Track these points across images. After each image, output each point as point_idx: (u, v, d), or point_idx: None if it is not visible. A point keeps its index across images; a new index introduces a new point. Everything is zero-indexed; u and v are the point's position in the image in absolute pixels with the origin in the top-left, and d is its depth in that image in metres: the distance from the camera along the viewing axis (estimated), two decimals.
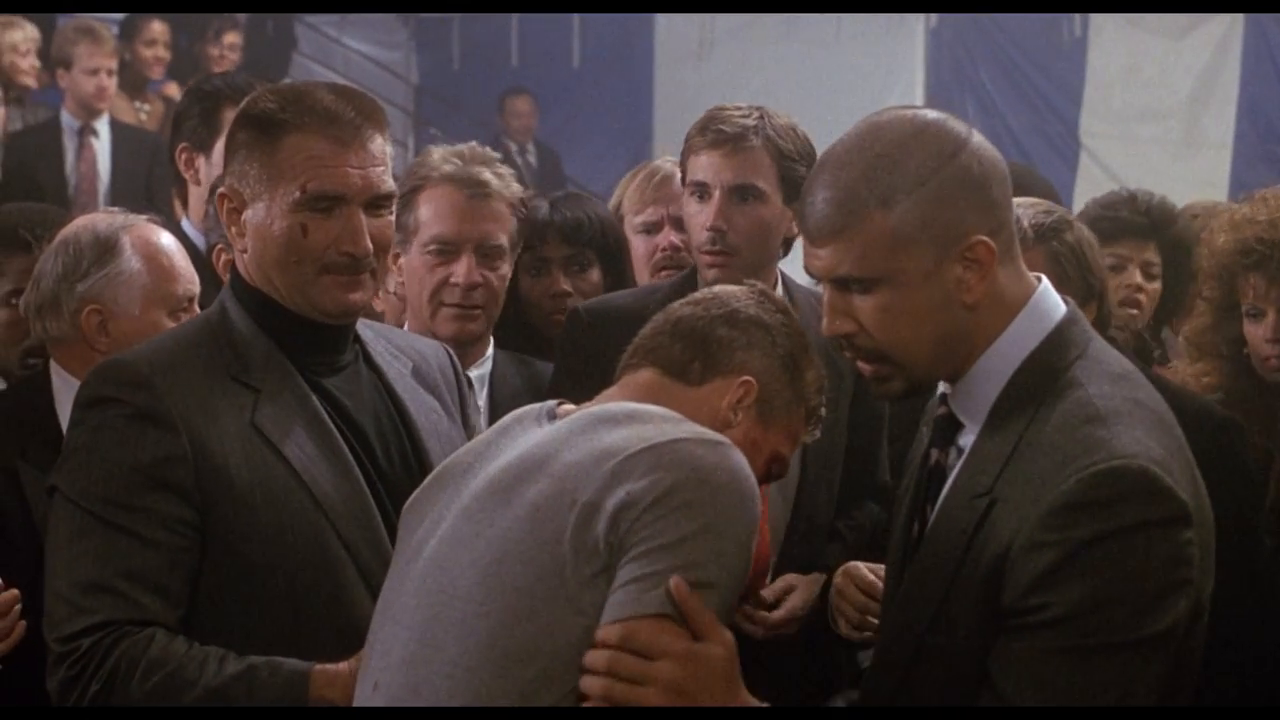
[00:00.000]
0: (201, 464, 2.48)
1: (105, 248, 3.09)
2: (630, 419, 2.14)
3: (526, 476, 2.12)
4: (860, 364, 2.22)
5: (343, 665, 2.41)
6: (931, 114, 2.20)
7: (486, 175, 3.33)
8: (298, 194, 2.51)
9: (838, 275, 2.16)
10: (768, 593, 3.19)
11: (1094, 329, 2.27)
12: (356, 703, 2.24)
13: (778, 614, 3.19)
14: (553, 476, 2.09)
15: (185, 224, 3.98)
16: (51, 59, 7.44)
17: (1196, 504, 2.08)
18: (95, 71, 7.23)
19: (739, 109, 3.37)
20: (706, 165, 3.32)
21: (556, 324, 3.66)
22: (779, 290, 3.41)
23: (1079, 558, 2.00)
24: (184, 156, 3.95)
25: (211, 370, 2.55)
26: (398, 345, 2.79)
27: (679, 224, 3.71)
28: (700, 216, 3.33)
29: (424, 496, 2.30)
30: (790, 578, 3.24)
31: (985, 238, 2.13)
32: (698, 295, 2.40)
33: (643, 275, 3.87)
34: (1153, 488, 2.02)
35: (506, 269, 3.37)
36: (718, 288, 2.42)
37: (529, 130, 11.26)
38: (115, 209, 3.23)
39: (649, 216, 3.95)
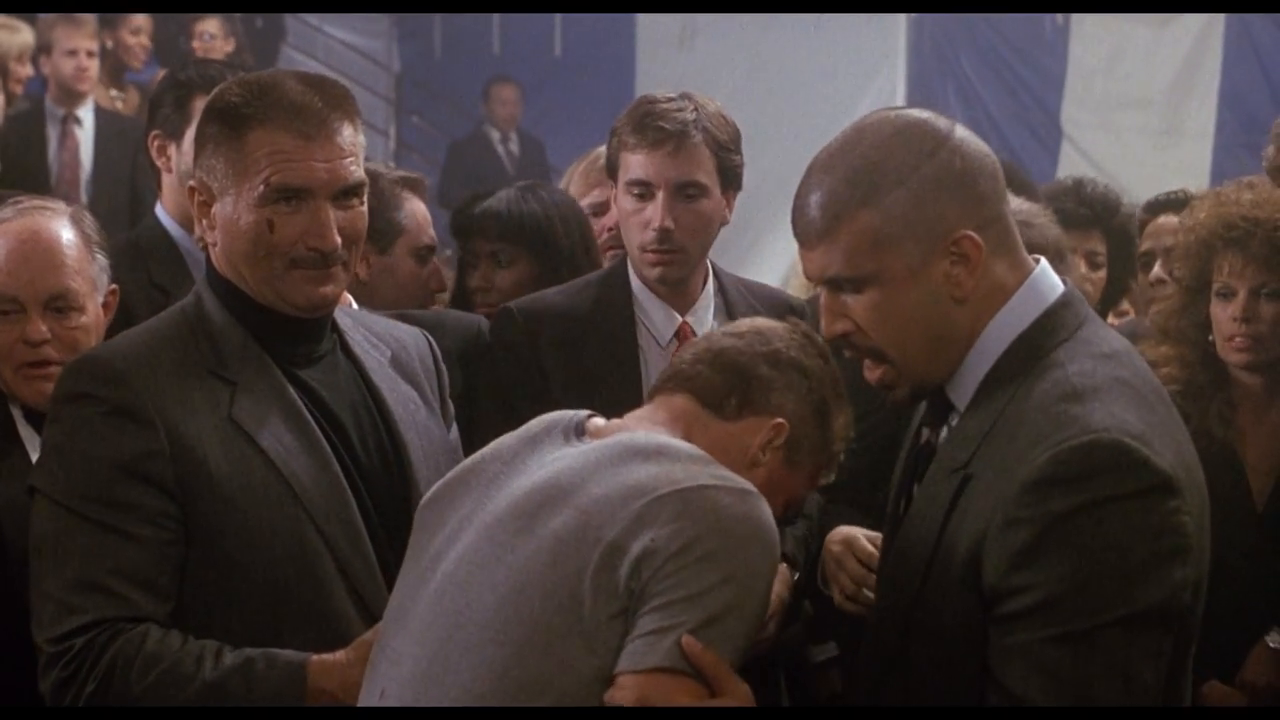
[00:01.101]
0: (180, 458, 2.47)
1: None
2: (659, 455, 2.13)
3: (551, 505, 2.11)
4: (865, 368, 2.26)
5: (339, 655, 2.41)
6: (915, 113, 2.23)
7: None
8: (262, 188, 2.50)
9: (828, 276, 2.20)
10: None
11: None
12: (362, 705, 2.22)
13: None
14: (578, 509, 2.08)
15: (158, 212, 3.98)
16: (35, 49, 7.41)
17: (1188, 477, 2.09)
18: (74, 52, 7.18)
19: (671, 101, 3.35)
20: (647, 164, 3.30)
21: (481, 316, 3.68)
22: (709, 280, 3.44)
23: (1055, 532, 2.02)
24: (156, 144, 3.95)
25: (187, 364, 2.54)
26: (376, 333, 2.78)
27: None
28: (642, 215, 3.31)
29: (444, 497, 2.27)
30: None
31: (971, 233, 2.15)
32: (742, 327, 2.41)
33: None
34: (1127, 460, 2.03)
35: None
36: (761, 322, 2.43)
37: (514, 118, 11.25)
38: (24, 197, 3.18)
39: (594, 198, 3.97)
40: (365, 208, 2.60)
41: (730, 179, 3.38)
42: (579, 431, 2.24)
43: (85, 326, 3.02)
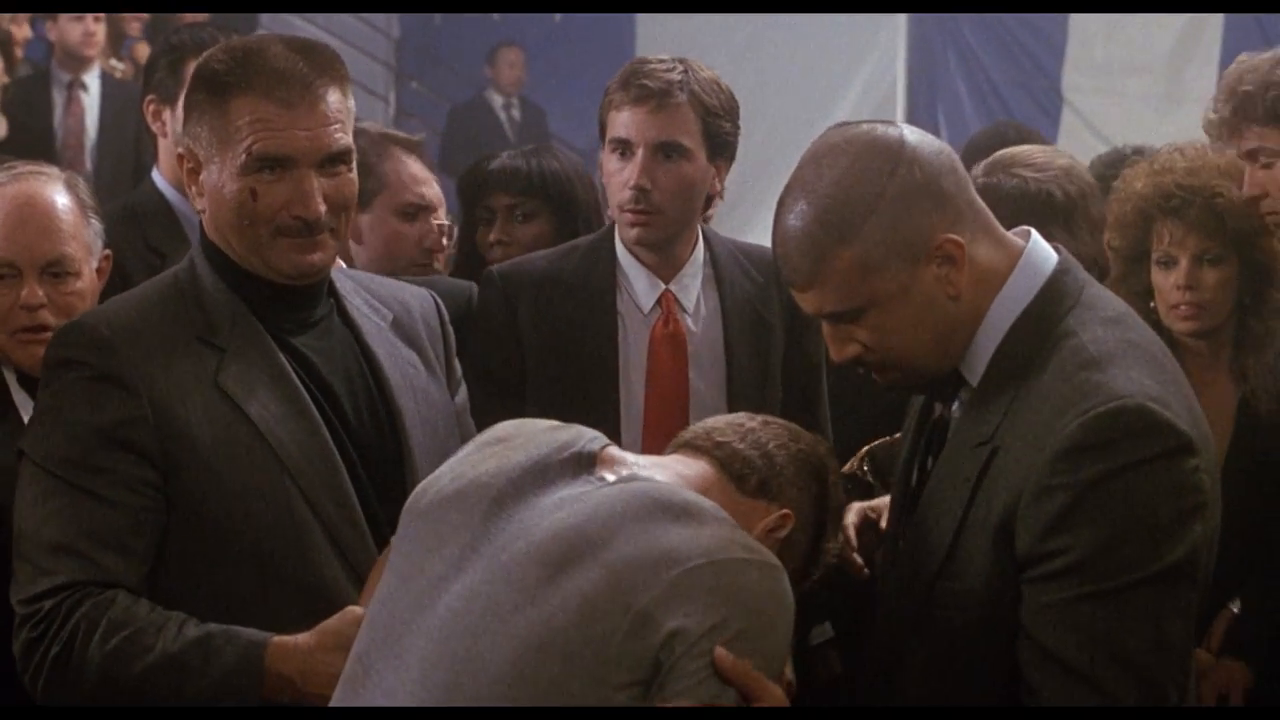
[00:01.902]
0: (163, 425, 2.46)
1: None
2: (687, 515, 2.12)
3: (577, 558, 2.07)
4: (875, 375, 2.32)
5: (301, 638, 2.39)
6: (863, 133, 2.26)
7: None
8: (245, 157, 2.49)
9: (825, 314, 2.27)
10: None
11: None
12: None
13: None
14: (607, 568, 2.05)
15: (155, 176, 3.99)
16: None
17: (1198, 434, 2.17)
18: (81, 17, 7.18)
19: (662, 62, 3.32)
20: (629, 122, 3.26)
21: (472, 283, 3.66)
22: (700, 248, 3.40)
23: (1088, 498, 2.09)
24: (151, 109, 3.95)
25: (176, 330, 2.53)
26: (379, 295, 2.76)
27: None
28: (622, 174, 3.28)
29: (440, 512, 2.20)
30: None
31: (950, 235, 2.21)
32: (782, 422, 2.44)
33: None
34: (1152, 423, 2.11)
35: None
36: (795, 426, 2.44)
37: (519, 82, 11.22)
38: (18, 162, 3.17)
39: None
40: (354, 174, 2.58)
41: (719, 147, 3.32)
42: (591, 462, 2.20)
43: (80, 292, 3.03)
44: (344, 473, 2.53)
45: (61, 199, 3.05)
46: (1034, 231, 2.32)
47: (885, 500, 3.01)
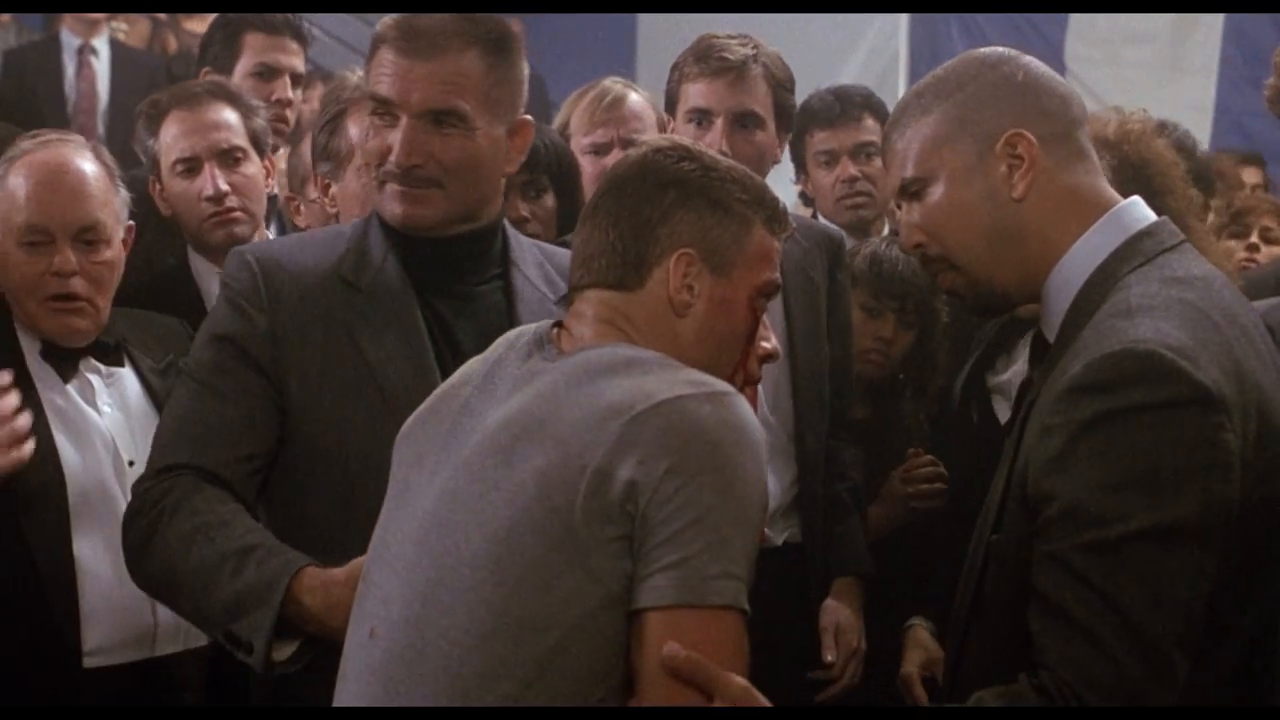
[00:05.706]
0: (280, 345, 2.59)
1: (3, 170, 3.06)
2: (628, 367, 2.07)
3: (528, 437, 2.05)
4: (938, 279, 2.35)
5: (335, 571, 2.40)
6: (997, 47, 2.37)
7: None
8: (369, 98, 2.67)
9: (899, 183, 2.32)
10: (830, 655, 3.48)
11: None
12: (351, 644, 2.18)
13: (838, 670, 3.48)
14: (557, 439, 2.02)
15: None
16: None
17: (1241, 398, 2.06)
18: None
19: (733, 38, 3.46)
20: (708, 92, 3.42)
21: None
22: None
23: (1082, 439, 2.02)
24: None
25: (322, 267, 2.67)
26: (562, 270, 2.73)
27: (629, 146, 3.71)
28: (702, 143, 3.36)
29: (419, 429, 2.25)
30: (827, 617, 3.48)
31: (1024, 131, 2.23)
32: (601, 186, 2.26)
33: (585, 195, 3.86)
34: (1161, 370, 2.01)
35: None
36: (612, 168, 2.28)
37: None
38: (41, 130, 3.17)
39: (598, 138, 3.94)
40: (464, 138, 2.62)
41: (784, 118, 3.49)
42: (542, 342, 2.20)
43: (110, 261, 3.03)
44: None
45: (91, 167, 3.05)
46: (1138, 198, 2.29)
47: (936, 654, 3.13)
